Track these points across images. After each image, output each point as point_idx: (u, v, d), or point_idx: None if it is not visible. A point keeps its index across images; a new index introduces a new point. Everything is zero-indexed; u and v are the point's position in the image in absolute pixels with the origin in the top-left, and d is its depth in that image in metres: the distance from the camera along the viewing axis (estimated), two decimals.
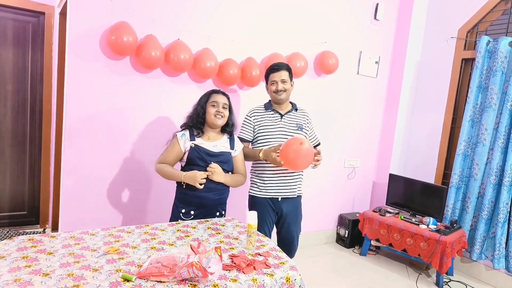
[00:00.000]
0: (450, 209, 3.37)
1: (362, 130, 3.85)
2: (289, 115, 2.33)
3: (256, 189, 2.32)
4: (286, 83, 2.26)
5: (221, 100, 2.08)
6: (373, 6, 3.65)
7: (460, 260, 3.40)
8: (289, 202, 2.32)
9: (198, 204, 2.06)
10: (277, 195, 2.28)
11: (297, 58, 3.07)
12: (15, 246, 1.47)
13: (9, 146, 3.22)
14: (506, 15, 3.24)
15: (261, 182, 2.30)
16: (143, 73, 2.55)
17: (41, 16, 3.17)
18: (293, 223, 2.37)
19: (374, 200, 4.07)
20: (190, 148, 2.04)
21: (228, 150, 2.12)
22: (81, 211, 2.45)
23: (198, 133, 2.08)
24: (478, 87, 3.23)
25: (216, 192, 2.08)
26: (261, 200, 2.29)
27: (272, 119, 2.30)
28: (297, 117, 2.35)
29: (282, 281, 1.45)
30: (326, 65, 3.26)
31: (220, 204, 2.15)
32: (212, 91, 2.13)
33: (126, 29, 2.31)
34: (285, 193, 2.29)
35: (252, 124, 2.32)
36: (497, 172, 3.07)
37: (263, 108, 2.35)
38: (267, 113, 2.32)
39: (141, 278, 1.29)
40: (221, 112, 2.06)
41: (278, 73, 2.25)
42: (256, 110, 2.35)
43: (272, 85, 2.27)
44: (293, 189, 2.31)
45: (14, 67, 3.14)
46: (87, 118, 2.39)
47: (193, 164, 2.04)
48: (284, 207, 2.31)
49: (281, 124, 2.29)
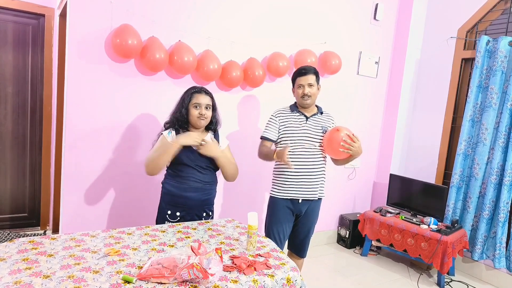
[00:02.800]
0: (451, 209, 3.36)
1: (362, 131, 3.84)
2: (315, 118, 2.32)
3: (277, 190, 2.30)
4: (312, 87, 2.25)
5: (204, 101, 2.02)
6: (372, 6, 3.65)
7: (461, 260, 3.39)
8: (309, 204, 2.31)
9: (184, 205, 2.03)
10: (297, 196, 2.26)
11: (307, 54, 3.07)
12: (15, 248, 1.47)
13: (10, 148, 3.22)
14: (506, 14, 3.24)
15: (282, 183, 2.28)
16: (146, 75, 2.55)
17: (41, 18, 3.17)
18: (308, 224, 2.37)
19: (375, 200, 4.06)
20: None
21: None
22: (82, 213, 2.45)
23: (183, 132, 2.04)
24: (478, 87, 3.23)
25: (203, 193, 2.06)
26: (281, 201, 2.29)
27: (297, 121, 2.29)
28: (323, 120, 2.34)
29: (283, 282, 1.44)
30: (329, 66, 3.25)
31: (207, 205, 2.12)
32: (194, 91, 2.06)
33: (131, 31, 2.31)
34: (306, 195, 2.27)
35: (278, 124, 2.31)
36: (498, 171, 3.06)
37: (288, 110, 2.35)
38: (292, 114, 2.32)
39: (141, 279, 1.29)
40: (204, 114, 2.01)
41: (305, 77, 2.24)
42: (282, 111, 2.35)
43: (299, 89, 2.26)
44: (315, 191, 2.29)
45: (14, 69, 3.15)
46: (87, 120, 2.39)
47: (179, 164, 2.02)
48: (304, 209, 2.31)
49: (306, 127, 2.28)
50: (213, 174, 2.14)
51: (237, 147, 2.99)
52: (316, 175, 2.28)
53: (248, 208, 3.10)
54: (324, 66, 3.27)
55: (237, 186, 3.01)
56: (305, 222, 2.36)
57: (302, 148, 2.24)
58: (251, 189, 3.16)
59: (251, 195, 3.17)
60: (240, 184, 3.01)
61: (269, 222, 2.35)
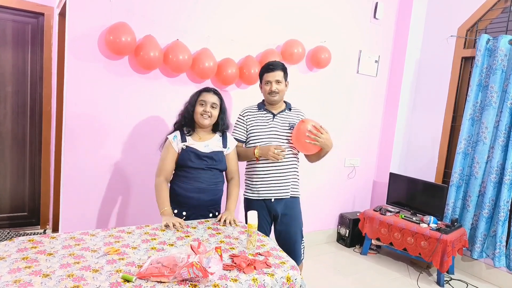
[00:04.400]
0: (450, 208, 3.36)
1: (362, 129, 3.85)
2: (282, 114, 2.28)
3: (249, 190, 2.28)
4: (280, 84, 2.19)
5: (210, 99, 2.01)
6: (372, 5, 3.65)
7: (461, 259, 3.39)
8: (283, 203, 2.26)
9: (190, 205, 2.03)
10: (269, 196, 2.23)
11: (295, 44, 3.05)
12: (15, 247, 1.47)
13: (9, 147, 3.22)
14: (506, 13, 3.24)
15: (253, 183, 2.25)
16: (142, 73, 2.55)
17: (40, 17, 3.17)
18: (290, 225, 2.26)
19: (375, 199, 4.07)
20: (181, 149, 2.01)
21: (220, 149, 2.08)
22: (82, 211, 2.45)
23: (188, 131, 2.04)
24: (478, 86, 3.22)
25: (210, 193, 2.06)
26: (255, 201, 2.25)
27: (264, 119, 2.26)
28: (290, 116, 2.29)
29: (282, 280, 1.45)
30: (318, 60, 3.22)
31: (213, 205, 2.11)
32: (203, 89, 2.07)
33: (125, 29, 2.30)
34: (278, 194, 2.23)
35: (245, 124, 2.27)
36: (498, 170, 3.06)
37: (256, 108, 2.31)
38: (259, 112, 2.28)
39: (141, 278, 1.29)
40: (207, 112, 2.00)
41: (272, 73, 2.18)
42: (249, 110, 2.31)
43: (266, 85, 2.21)
44: (286, 190, 2.24)
45: (13, 68, 3.14)
46: (87, 118, 2.39)
47: (184, 166, 2.01)
48: (279, 209, 2.25)
49: (273, 124, 2.24)
50: (219, 175, 2.12)
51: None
52: (286, 173, 2.23)
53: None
54: (313, 60, 3.24)
55: None
56: (287, 226, 2.26)
57: None
58: None
59: None
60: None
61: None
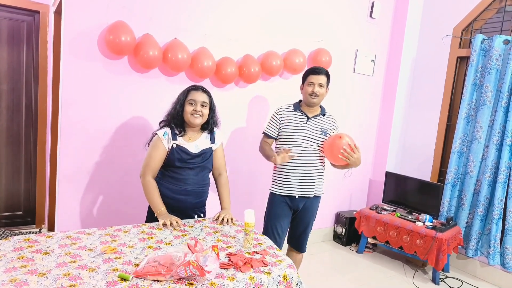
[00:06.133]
0: (446, 206, 3.39)
1: (358, 128, 3.86)
2: (316, 119, 2.36)
3: (276, 186, 2.38)
4: (322, 88, 2.30)
5: (200, 98, 1.97)
6: (369, 4, 3.66)
7: (456, 257, 3.42)
8: (306, 200, 2.38)
9: (175, 207, 2.00)
10: (294, 193, 2.33)
11: (295, 54, 3.07)
12: (10, 246, 1.46)
13: (4, 146, 3.20)
14: (501, 13, 3.26)
15: (280, 179, 2.35)
16: (141, 72, 2.54)
17: (35, 15, 3.14)
18: (306, 219, 2.43)
19: (371, 198, 4.08)
20: (171, 148, 1.95)
21: (208, 146, 2.06)
22: (77, 210, 2.44)
23: (180, 131, 1.99)
24: (473, 85, 3.25)
25: (196, 195, 2.04)
26: (279, 197, 2.36)
27: (298, 120, 2.34)
28: (323, 122, 2.38)
29: (279, 279, 1.45)
30: (320, 63, 3.22)
31: (198, 207, 2.10)
32: (191, 88, 2.02)
33: (124, 28, 2.30)
34: (302, 192, 2.34)
35: (279, 122, 2.36)
36: (492, 169, 3.09)
37: (291, 108, 2.38)
38: (294, 113, 2.36)
39: (138, 277, 1.29)
40: (198, 111, 1.96)
41: (317, 76, 2.29)
42: (284, 109, 2.39)
43: (309, 86, 2.30)
44: (311, 189, 2.36)
45: (9, 66, 3.12)
46: (82, 117, 2.38)
47: (171, 166, 1.97)
48: (301, 205, 2.38)
49: (305, 127, 2.32)
50: (206, 176, 2.11)
51: (233, 145, 2.99)
52: (312, 173, 2.34)
53: (245, 205, 3.09)
54: (314, 63, 3.24)
55: (233, 183, 3.00)
56: (302, 217, 2.43)
57: (299, 147, 2.29)
58: (248, 186, 3.17)
59: (248, 193, 3.18)
60: (237, 182, 3.02)
61: (268, 216, 2.42)
